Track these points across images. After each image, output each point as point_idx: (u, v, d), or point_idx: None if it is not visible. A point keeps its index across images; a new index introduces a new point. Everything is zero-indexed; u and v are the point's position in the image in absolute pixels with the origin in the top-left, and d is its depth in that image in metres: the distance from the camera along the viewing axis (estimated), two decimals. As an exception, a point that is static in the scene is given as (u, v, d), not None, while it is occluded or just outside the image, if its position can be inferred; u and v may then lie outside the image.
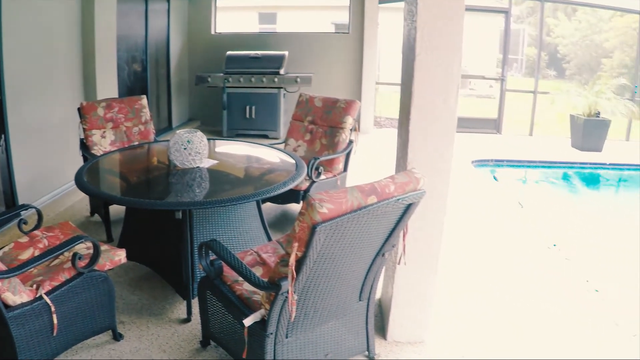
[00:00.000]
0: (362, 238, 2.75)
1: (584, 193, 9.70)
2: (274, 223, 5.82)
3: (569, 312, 4.56)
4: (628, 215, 8.69)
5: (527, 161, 10.03)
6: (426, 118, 3.30)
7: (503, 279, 5.04)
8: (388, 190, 2.64)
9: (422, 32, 3.18)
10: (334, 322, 3.17)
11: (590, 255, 6.66)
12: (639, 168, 10.98)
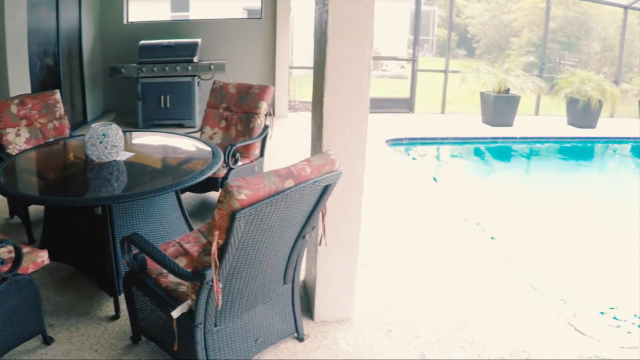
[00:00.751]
0: (282, 222, 2.78)
1: (496, 166, 10.00)
2: (195, 212, 5.79)
3: (484, 278, 4.77)
4: (538, 184, 9.05)
5: (440, 138, 10.26)
6: (339, 100, 3.35)
7: (422, 253, 5.21)
8: (305, 173, 2.68)
9: (334, 16, 3.21)
10: (261, 307, 3.21)
11: (504, 223, 6.91)
12: (548, 141, 11.42)
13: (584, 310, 4.92)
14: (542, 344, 3.94)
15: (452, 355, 3.64)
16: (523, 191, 8.72)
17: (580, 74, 13.06)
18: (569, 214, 7.74)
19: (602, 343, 4.10)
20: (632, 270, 6.16)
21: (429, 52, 29.44)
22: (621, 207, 8.55)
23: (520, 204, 7.97)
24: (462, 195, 7.93)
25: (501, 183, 8.88)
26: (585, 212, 8.03)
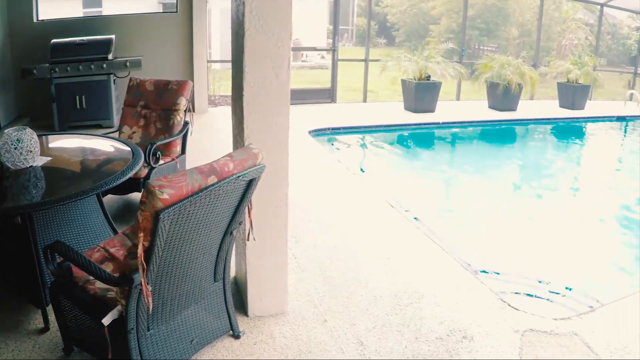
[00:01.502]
0: (208, 219, 2.74)
1: (420, 152, 10.14)
2: (119, 215, 5.64)
3: (414, 261, 4.86)
4: (462, 167, 9.23)
5: (363, 127, 10.33)
6: (259, 93, 3.32)
7: (351, 240, 5.25)
8: (227, 169, 2.64)
9: (251, 7, 3.16)
10: (194, 307, 3.15)
11: (431, 207, 7.03)
12: (470, 125, 11.66)
13: (515, 286, 5.15)
14: (477, 321, 4.03)
15: (390, 341, 3.68)
16: (448, 175, 8.91)
17: (499, 59, 13.44)
18: (493, 194, 7.95)
19: (536, 316, 4.22)
20: (557, 244, 6.40)
21: (349, 41, 29.63)
22: (542, 185, 8.84)
23: (445, 188, 8.13)
24: (388, 181, 8.03)
25: (426, 168, 9.04)
26: (508, 192, 8.27)
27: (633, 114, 15.77)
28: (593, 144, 13.25)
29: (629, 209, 8.27)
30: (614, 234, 7.20)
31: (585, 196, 8.60)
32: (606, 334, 4.14)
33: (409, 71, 11.87)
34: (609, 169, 10.85)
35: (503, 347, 3.77)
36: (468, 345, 3.75)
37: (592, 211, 7.82)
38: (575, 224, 7.26)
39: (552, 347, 3.86)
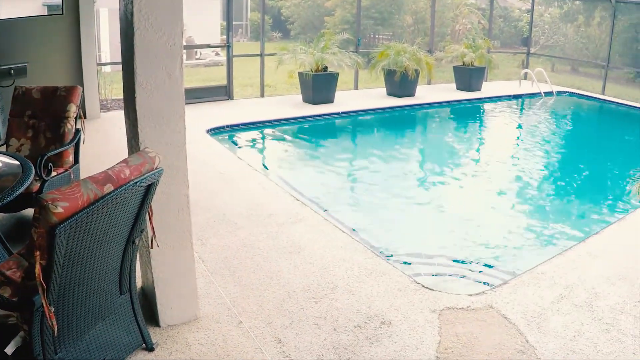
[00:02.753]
0: (107, 230, 2.62)
1: (321, 142, 10.17)
2: (12, 234, 5.32)
3: (326, 252, 4.84)
4: (366, 154, 9.33)
5: (262, 122, 10.25)
6: (152, 94, 3.21)
7: (259, 238, 5.21)
8: (124, 175, 2.53)
9: (140, 5, 3.05)
10: (102, 324, 3.01)
11: (339, 197, 7.05)
12: (370, 113, 11.80)
13: (428, 267, 5.28)
14: (394, 305, 4.09)
15: (309, 335, 3.67)
16: (352, 164, 8.98)
17: (395, 47, 13.65)
18: (399, 180, 8.07)
19: (451, 294, 4.34)
20: (465, 223, 6.57)
21: (244, 36, 29.49)
22: (446, 167, 9.04)
23: (351, 177, 8.18)
24: (292, 175, 8.02)
25: (329, 158, 9.07)
26: (414, 176, 8.41)
27: (528, 92, 16.43)
28: (492, 123, 13.75)
29: (530, 183, 8.60)
30: (517, 208, 7.47)
31: (488, 174, 8.88)
32: (521, 304, 4.31)
33: (305, 63, 11.86)
34: (509, 146, 11.26)
35: (422, 327, 3.84)
36: (387, 330, 3.80)
37: (495, 188, 8.10)
38: (481, 202, 7.48)
39: (470, 322, 3.96)
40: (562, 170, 9.97)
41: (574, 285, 4.68)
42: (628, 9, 24.06)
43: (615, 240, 5.84)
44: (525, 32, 27.90)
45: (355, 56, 12.70)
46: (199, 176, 6.78)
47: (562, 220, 7.20)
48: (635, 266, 5.16)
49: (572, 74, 27.05)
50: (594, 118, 16.41)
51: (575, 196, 8.40)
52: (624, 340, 3.92)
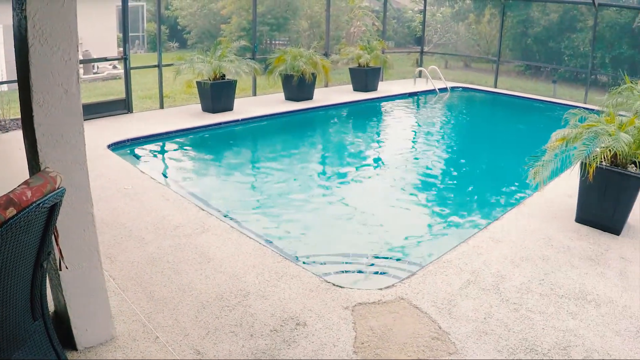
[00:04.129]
0: (13, 255, 2.54)
1: (223, 151, 10.15)
2: None
3: (235, 260, 4.85)
4: (268, 159, 9.39)
5: (163, 133, 10.09)
6: (50, 111, 3.15)
7: (168, 252, 5.17)
8: (26, 198, 2.48)
9: (33, 21, 2.98)
10: (18, 354, 2.90)
11: (247, 206, 7.07)
12: (269, 118, 11.87)
13: (337, 266, 5.39)
14: (307, 306, 4.18)
15: (226, 343, 3.71)
16: (255, 170, 9.03)
17: (291, 51, 13.80)
18: (302, 182, 8.18)
19: (362, 290, 4.48)
20: (370, 220, 6.75)
21: (141, 48, 29.02)
22: (348, 166, 9.22)
23: (255, 183, 8.23)
24: (196, 185, 7.99)
25: (232, 166, 9.10)
26: (317, 177, 8.54)
27: (423, 89, 16.95)
28: (390, 121, 14.12)
29: (431, 176, 8.93)
30: (420, 201, 7.75)
31: (390, 170, 9.13)
32: (430, 292, 4.51)
33: (203, 72, 11.76)
34: (408, 142, 11.64)
35: (337, 325, 3.95)
36: (303, 331, 3.88)
37: (397, 183, 8.35)
38: (385, 198, 7.69)
39: (383, 315, 4.10)
40: (461, 162, 10.39)
41: (480, 270, 4.94)
42: (517, 5, 25.12)
43: (515, 224, 6.18)
44: (418, 31, 28.66)
45: (252, 63, 12.72)
46: (102, 193, 6.68)
47: (464, 210, 7.53)
48: (535, 247, 5.54)
49: (465, 69, 27.97)
50: (488, 110, 17.18)
51: (475, 186, 8.78)
52: (532, 317, 4.19)
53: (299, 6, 23.75)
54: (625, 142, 5.72)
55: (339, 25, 24.67)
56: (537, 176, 5.86)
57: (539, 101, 17.29)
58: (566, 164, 6.12)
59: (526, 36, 25.77)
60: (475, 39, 28.57)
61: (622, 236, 6.00)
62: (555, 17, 24.80)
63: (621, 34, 22.55)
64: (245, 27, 21.85)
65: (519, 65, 26.71)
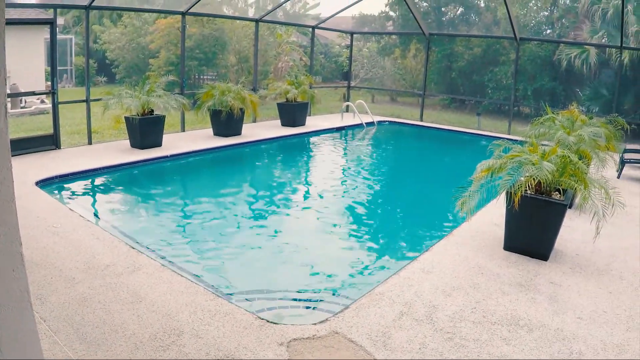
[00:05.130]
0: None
1: (152, 187, 10.16)
2: None
3: (167, 295, 4.97)
4: (196, 195, 9.46)
5: (92, 170, 9.99)
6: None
7: (98, 289, 5.20)
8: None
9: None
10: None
11: (172, 241, 7.16)
12: (198, 154, 11.97)
13: (270, 302, 5.48)
14: (242, 344, 4.28)
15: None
16: (185, 206, 9.03)
17: (220, 87, 13.93)
18: (232, 218, 8.25)
19: (296, 325, 4.60)
20: (302, 254, 6.91)
21: (69, 82, 28.68)
22: (278, 201, 9.40)
23: (184, 219, 8.25)
24: (124, 221, 7.99)
25: (161, 203, 9.05)
26: (246, 213, 8.64)
27: (351, 124, 17.36)
28: (319, 155, 14.38)
29: (361, 209, 9.22)
30: (351, 234, 7.94)
31: (320, 204, 9.33)
32: (364, 325, 4.67)
33: (131, 108, 11.69)
34: (337, 176, 11.92)
35: (273, 362, 3.99)
36: (240, 369, 3.90)
37: (328, 217, 8.54)
38: (316, 232, 7.91)
39: (319, 350, 4.24)
40: (390, 195, 10.76)
41: (412, 302, 5.16)
42: (441, 40, 26.03)
43: (444, 254, 6.47)
44: (345, 66, 29.24)
45: (181, 98, 12.70)
46: (31, 231, 6.65)
47: (395, 242, 7.83)
48: (466, 276, 5.81)
49: (391, 103, 28.63)
50: (415, 143, 17.68)
51: (405, 217, 9.12)
52: (467, 345, 4.42)
53: (227, 41, 23.92)
54: (549, 171, 6.12)
55: (267, 60, 24.94)
56: (465, 206, 6.15)
57: (464, 133, 18.03)
58: (492, 194, 6.48)
59: (451, 70, 26.62)
60: (401, 73, 29.31)
61: (550, 261, 6.40)
62: (479, 51, 25.71)
63: (542, 66, 23.60)
64: (173, 62, 21.89)
65: (444, 98, 27.56)
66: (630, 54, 20.53)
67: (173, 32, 22.40)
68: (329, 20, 19.79)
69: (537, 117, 9.54)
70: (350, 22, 30.75)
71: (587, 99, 22.93)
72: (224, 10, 31.84)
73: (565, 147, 7.52)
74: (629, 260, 6.71)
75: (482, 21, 27.53)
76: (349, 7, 19.13)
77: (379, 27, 30.20)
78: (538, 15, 25.66)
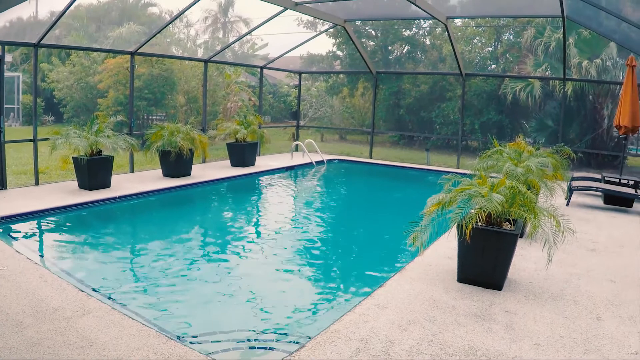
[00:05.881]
0: None
1: (102, 229, 10.05)
2: None
3: (98, 344, 4.95)
4: (146, 237, 9.44)
5: (39, 211, 9.85)
6: None
7: (45, 335, 5.12)
8: None
9: None
10: None
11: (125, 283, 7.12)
12: (147, 195, 11.93)
13: (225, 344, 5.44)
14: None
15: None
16: (135, 248, 8.96)
17: (169, 127, 13.97)
18: (183, 260, 8.19)
19: None
20: (258, 296, 6.89)
21: (16, 121, 28.33)
22: (229, 241, 9.44)
23: (135, 261, 8.20)
24: (75, 264, 7.89)
25: (111, 244, 8.96)
26: (198, 253, 8.64)
27: (301, 163, 17.58)
28: (269, 195, 14.46)
29: (313, 248, 9.34)
30: (305, 273, 8.03)
31: (273, 243, 9.36)
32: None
33: (79, 148, 11.59)
34: (288, 215, 12.09)
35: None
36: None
37: (281, 256, 8.62)
38: (269, 271, 7.92)
39: None
40: (342, 232, 10.90)
41: (369, 338, 5.23)
42: (388, 78, 26.59)
43: (399, 289, 6.58)
44: (294, 106, 29.61)
45: (129, 138, 12.63)
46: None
47: (348, 279, 7.92)
48: (421, 309, 5.93)
49: (340, 142, 29.01)
50: (365, 180, 18.00)
51: (358, 254, 9.27)
52: None
53: (176, 81, 23.99)
54: (498, 202, 6.35)
55: (216, 100, 25.08)
56: (417, 241, 6.28)
57: (414, 169, 18.48)
58: (444, 227, 6.65)
59: (399, 107, 27.16)
60: (350, 111, 29.78)
61: (504, 291, 6.60)
62: (426, 88, 26.37)
63: (488, 101, 24.34)
64: (122, 102, 21.85)
65: (393, 135, 28.10)
66: (573, 85, 21.47)
67: (122, 72, 22.39)
68: (278, 60, 20.10)
69: (485, 150, 9.86)
70: (299, 62, 31.20)
71: (533, 131, 23.77)
72: (173, 50, 32.12)
73: (514, 178, 7.86)
74: (582, 284, 7.02)
75: (428, 58, 28.26)
76: (297, 47, 19.52)
77: (326, 67, 30.69)
78: (483, 51, 26.54)
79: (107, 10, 34.21)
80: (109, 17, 33.62)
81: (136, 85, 20.75)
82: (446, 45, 25.79)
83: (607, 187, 12.57)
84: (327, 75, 30.52)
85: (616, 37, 16.80)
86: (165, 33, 30.09)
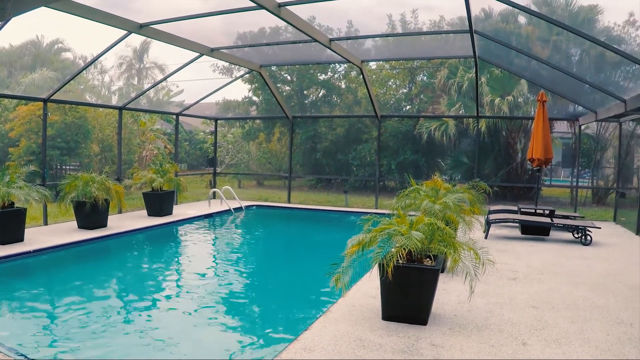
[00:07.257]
0: None
1: (14, 285, 9.76)
2: None
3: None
4: (59, 293, 9.22)
5: None
6: None
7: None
8: None
9: None
10: None
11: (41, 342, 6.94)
12: (62, 249, 11.65)
13: None
14: None
15: None
16: (50, 305, 8.74)
17: (83, 177, 13.72)
18: (102, 315, 8.00)
19: None
20: (179, 347, 6.81)
21: None
22: (149, 294, 9.30)
23: (48, 318, 8.00)
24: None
25: (26, 302, 8.73)
26: (117, 308, 8.44)
27: (219, 210, 17.59)
28: (187, 244, 14.35)
29: (234, 295, 9.40)
30: (227, 321, 8.00)
31: (192, 293, 9.27)
32: None
33: None
34: (207, 263, 12.11)
35: None
36: None
37: (200, 305, 8.56)
38: (189, 322, 7.86)
39: None
40: (264, 278, 10.96)
41: None
42: (304, 122, 27.02)
43: (324, 331, 6.63)
44: (210, 153, 29.57)
45: (43, 189, 12.36)
46: None
47: (273, 324, 7.91)
48: (347, 350, 5.99)
49: (258, 187, 29.15)
50: (284, 225, 18.21)
51: (280, 299, 9.28)
52: None
53: (89, 129, 23.60)
54: (418, 239, 6.53)
55: (131, 148, 24.83)
56: (339, 282, 6.36)
57: (333, 211, 18.80)
58: (365, 267, 6.77)
59: (315, 151, 27.56)
60: (267, 156, 30.01)
61: (429, 325, 6.76)
62: (342, 130, 26.90)
63: (404, 141, 25.02)
64: (34, 151, 21.33)
65: (310, 179, 28.40)
66: (487, 122, 22.42)
67: (34, 120, 21.90)
68: (193, 107, 20.14)
69: (403, 190, 10.14)
70: (215, 108, 31.34)
71: (449, 168, 24.60)
72: (87, 97, 31.74)
73: (432, 215, 8.12)
74: (505, 313, 7.30)
75: (343, 102, 28.88)
76: (213, 93, 19.64)
77: (243, 112, 30.89)
78: (397, 93, 27.37)
79: (20, 55, 33.62)
80: (22, 62, 33.04)
81: (49, 134, 20.33)
82: (361, 88, 26.44)
83: (523, 218, 13.20)
84: (244, 121, 30.68)
85: (527, 75, 17.73)
86: (79, 79, 29.75)
